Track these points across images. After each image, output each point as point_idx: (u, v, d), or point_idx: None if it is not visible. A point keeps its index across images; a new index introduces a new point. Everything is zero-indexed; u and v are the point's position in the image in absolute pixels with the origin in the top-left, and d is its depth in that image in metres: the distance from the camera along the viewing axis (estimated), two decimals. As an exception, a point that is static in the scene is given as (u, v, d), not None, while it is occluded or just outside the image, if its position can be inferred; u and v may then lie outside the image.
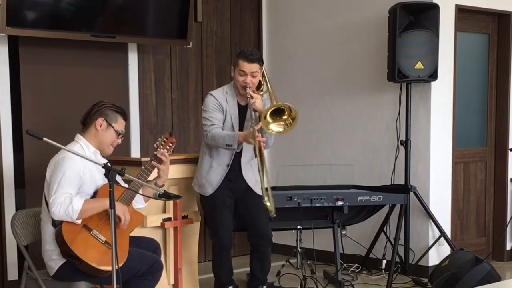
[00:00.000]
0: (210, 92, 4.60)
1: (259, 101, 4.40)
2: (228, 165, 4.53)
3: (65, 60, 5.31)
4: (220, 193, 4.55)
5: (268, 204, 4.32)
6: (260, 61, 4.48)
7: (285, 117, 4.32)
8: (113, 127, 3.78)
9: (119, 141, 3.86)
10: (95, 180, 3.71)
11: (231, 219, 4.64)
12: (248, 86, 4.42)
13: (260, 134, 4.31)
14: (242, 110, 4.56)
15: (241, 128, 4.53)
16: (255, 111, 4.40)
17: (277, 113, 4.31)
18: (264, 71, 4.60)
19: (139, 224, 3.93)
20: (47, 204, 3.62)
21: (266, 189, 4.36)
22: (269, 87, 4.59)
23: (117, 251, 3.15)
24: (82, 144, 3.76)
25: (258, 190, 4.55)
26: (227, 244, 4.64)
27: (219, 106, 4.49)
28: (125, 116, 3.88)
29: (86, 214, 3.57)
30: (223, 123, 4.50)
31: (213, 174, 4.53)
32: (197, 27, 5.96)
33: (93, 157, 3.72)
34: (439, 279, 4.95)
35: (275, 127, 4.33)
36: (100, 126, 3.76)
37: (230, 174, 4.55)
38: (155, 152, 3.98)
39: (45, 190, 3.68)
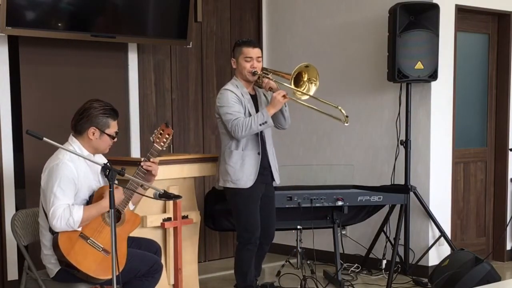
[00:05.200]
0: (224, 87, 4.54)
1: (272, 81, 4.49)
2: (259, 153, 4.51)
3: (65, 60, 5.31)
4: (256, 186, 4.51)
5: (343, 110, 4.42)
6: (260, 47, 4.64)
7: (305, 78, 4.49)
8: (106, 133, 3.68)
9: (115, 140, 3.77)
10: (90, 184, 3.67)
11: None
12: (256, 71, 4.48)
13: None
14: (254, 99, 4.59)
15: None
16: (271, 89, 4.47)
17: (296, 80, 4.46)
18: None
19: (136, 226, 3.87)
20: (44, 211, 3.59)
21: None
22: (272, 70, 4.71)
23: (117, 254, 3.14)
24: (75, 148, 3.65)
25: (277, 179, 4.64)
26: (258, 242, 4.56)
27: (237, 99, 4.47)
28: (116, 116, 3.74)
29: (87, 221, 3.55)
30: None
31: (248, 165, 4.49)
32: (197, 27, 5.96)
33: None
34: (439, 279, 4.95)
35: (302, 93, 4.50)
36: (93, 135, 3.65)
37: (262, 162, 4.52)
38: (141, 166, 3.81)
39: (41, 197, 3.63)
